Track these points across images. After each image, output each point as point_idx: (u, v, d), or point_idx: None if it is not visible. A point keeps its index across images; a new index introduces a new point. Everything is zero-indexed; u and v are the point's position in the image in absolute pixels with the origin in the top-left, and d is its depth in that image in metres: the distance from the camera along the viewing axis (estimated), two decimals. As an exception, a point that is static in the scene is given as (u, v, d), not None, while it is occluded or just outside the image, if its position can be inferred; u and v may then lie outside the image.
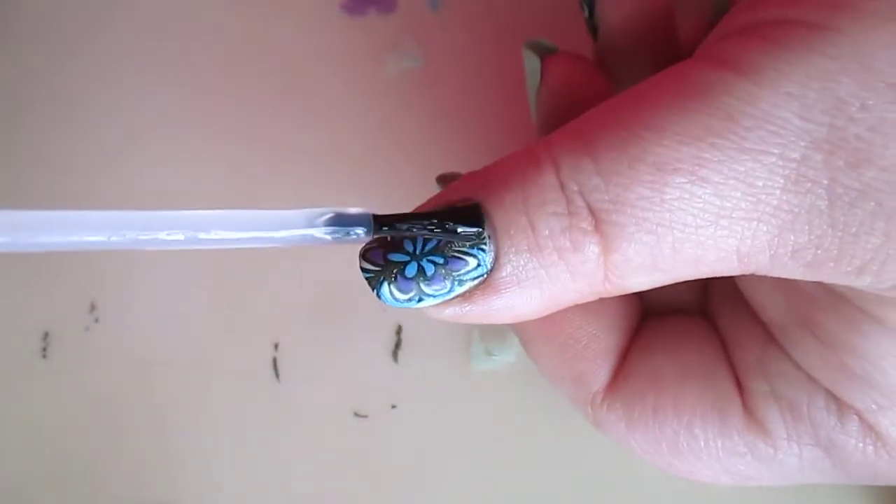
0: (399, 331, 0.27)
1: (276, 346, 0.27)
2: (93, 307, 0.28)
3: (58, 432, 0.28)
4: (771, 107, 0.14)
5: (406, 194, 0.28)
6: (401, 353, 0.27)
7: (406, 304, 0.16)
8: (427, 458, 0.26)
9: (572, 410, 0.26)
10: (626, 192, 0.15)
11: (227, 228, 0.15)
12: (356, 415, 0.27)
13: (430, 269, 0.16)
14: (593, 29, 0.21)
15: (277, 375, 0.27)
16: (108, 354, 0.28)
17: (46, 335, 0.28)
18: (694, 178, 0.14)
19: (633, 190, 0.15)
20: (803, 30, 0.15)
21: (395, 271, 0.16)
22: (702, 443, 0.19)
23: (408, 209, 0.17)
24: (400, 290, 0.16)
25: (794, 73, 0.14)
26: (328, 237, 0.16)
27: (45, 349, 0.28)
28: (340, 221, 0.16)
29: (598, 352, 0.20)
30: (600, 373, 0.20)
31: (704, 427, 0.19)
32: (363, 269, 0.16)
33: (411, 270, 0.16)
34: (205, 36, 0.29)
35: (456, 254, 0.16)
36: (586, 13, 0.21)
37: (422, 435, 0.27)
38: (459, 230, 0.16)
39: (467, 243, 0.16)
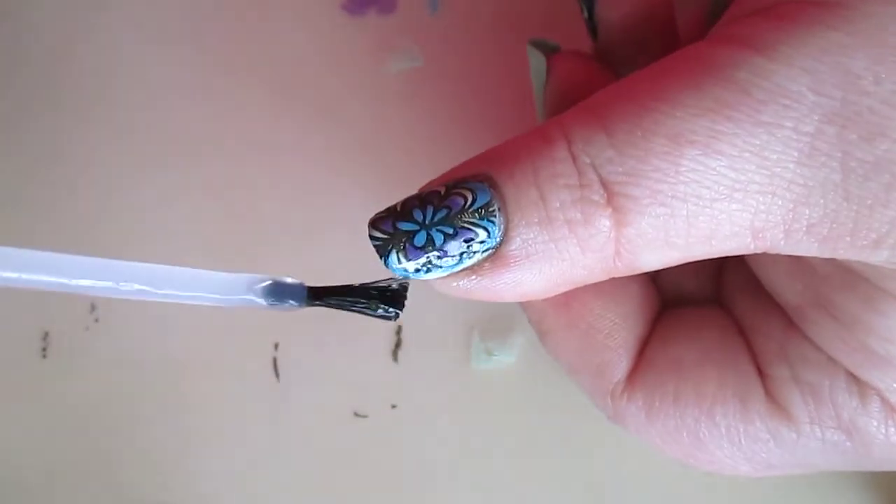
0: (399, 331, 0.27)
1: (276, 346, 0.27)
2: (93, 307, 0.28)
3: (58, 432, 0.28)
4: (784, 80, 0.14)
5: (406, 194, 0.28)
6: (401, 353, 0.27)
7: (414, 275, 0.16)
8: (427, 458, 0.26)
9: (572, 410, 0.26)
10: (640, 164, 0.15)
11: (175, 288, 0.16)
12: (356, 415, 0.27)
13: (439, 239, 0.16)
14: (593, 29, 0.21)
15: (277, 375, 0.27)
16: (108, 354, 0.28)
17: (46, 335, 0.28)
18: (709, 150, 0.15)
19: (647, 161, 0.15)
20: (815, 7, 0.15)
21: (403, 240, 0.16)
22: (723, 430, 0.19)
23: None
24: (408, 259, 0.16)
25: (807, 48, 0.14)
26: (264, 303, 0.16)
27: (45, 349, 0.28)
28: (277, 290, 0.16)
29: (619, 341, 0.20)
30: (622, 362, 0.20)
31: (726, 413, 0.19)
32: (372, 237, 0.17)
33: (420, 239, 0.16)
34: (204, 36, 0.29)
35: (466, 224, 0.16)
36: (586, 14, 0.21)
37: (422, 435, 0.27)
38: (378, 310, 0.17)
39: (477, 214, 0.16)
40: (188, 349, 0.28)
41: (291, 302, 0.17)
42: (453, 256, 0.16)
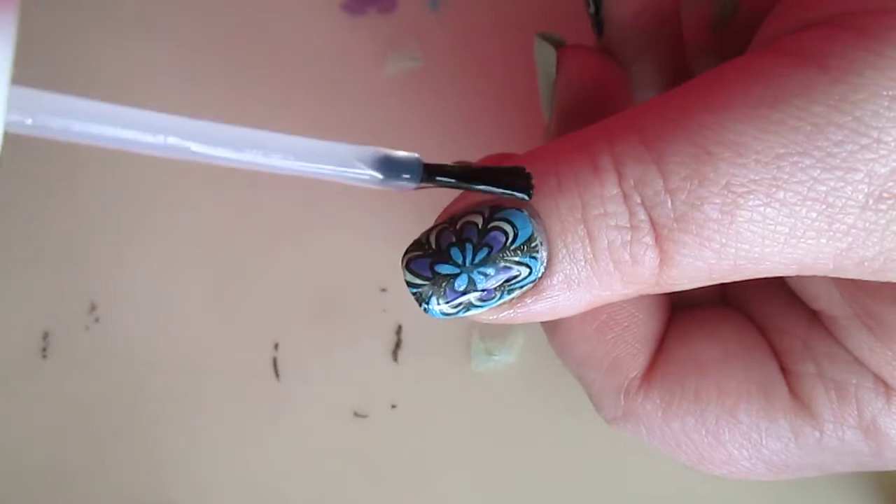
0: (399, 331, 0.27)
1: (276, 346, 0.27)
2: (93, 307, 0.28)
3: (58, 432, 0.28)
4: (867, 115, 0.13)
5: (406, 194, 0.28)
6: (401, 353, 0.27)
7: (451, 316, 0.16)
8: (427, 458, 0.26)
9: (573, 410, 0.26)
10: (693, 212, 0.14)
11: (277, 152, 0.15)
12: (356, 415, 0.27)
13: (480, 281, 0.15)
14: (599, 25, 0.21)
15: (277, 375, 0.27)
16: (108, 354, 0.28)
17: (46, 335, 0.28)
18: (769, 199, 0.13)
19: (701, 210, 0.14)
20: None
21: (444, 285, 0.15)
22: (745, 427, 0.18)
23: (408, 208, 0.17)
24: (449, 305, 0.15)
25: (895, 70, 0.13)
26: (378, 176, 0.15)
27: (45, 349, 0.28)
28: (390, 163, 0.15)
29: (637, 335, 0.19)
30: (639, 357, 0.19)
31: (749, 410, 0.18)
32: (409, 283, 0.15)
33: (461, 283, 0.15)
34: (204, 35, 0.29)
35: (509, 263, 0.15)
36: (592, 9, 0.21)
37: (422, 435, 0.27)
38: (506, 194, 0.14)
39: (520, 251, 0.15)
40: (188, 349, 0.28)
41: (406, 176, 0.15)
42: (494, 295, 0.15)
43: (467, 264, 0.15)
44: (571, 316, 0.19)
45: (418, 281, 0.15)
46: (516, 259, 0.15)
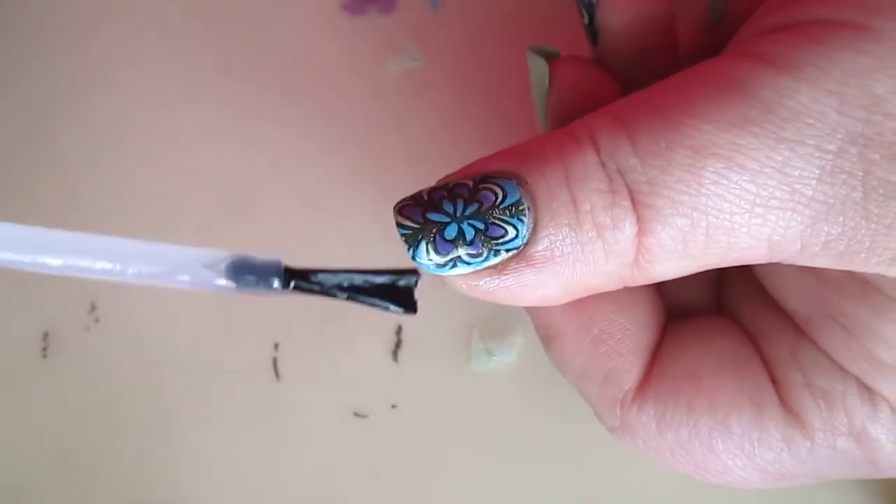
0: (399, 331, 0.27)
1: (276, 346, 0.27)
2: (93, 307, 0.28)
3: (58, 432, 0.28)
4: (809, 101, 0.14)
5: (406, 194, 0.28)
6: (401, 353, 0.27)
7: (440, 270, 0.16)
8: (427, 458, 0.26)
9: (573, 410, 0.26)
10: (663, 175, 0.15)
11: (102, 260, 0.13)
12: (356, 415, 0.27)
13: (469, 233, 0.16)
14: (593, 35, 0.21)
15: (277, 375, 0.27)
16: (108, 354, 0.28)
17: (46, 335, 0.28)
18: (731, 163, 0.15)
19: (670, 172, 0.15)
20: (842, 29, 0.15)
21: (434, 231, 0.16)
22: (738, 438, 0.18)
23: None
24: (437, 252, 0.16)
25: (834, 69, 0.15)
26: (231, 285, 0.13)
27: (45, 349, 0.28)
28: (244, 269, 0.14)
29: (631, 347, 0.20)
30: (633, 370, 0.20)
31: (741, 421, 0.18)
32: (399, 225, 0.16)
33: (451, 232, 0.16)
34: (204, 35, 0.29)
35: (497, 221, 0.16)
36: (586, 20, 0.21)
37: (422, 435, 0.27)
38: (382, 306, 0.15)
39: (508, 211, 0.16)
40: (188, 349, 0.28)
41: (267, 283, 0.14)
42: (481, 252, 0.16)
43: (458, 215, 0.16)
44: (566, 329, 0.20)
45: (409, 223, 0.16)
46: (504, 218, 0.16)
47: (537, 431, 0.26)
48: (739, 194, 0.15)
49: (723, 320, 0.21)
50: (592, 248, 0.16)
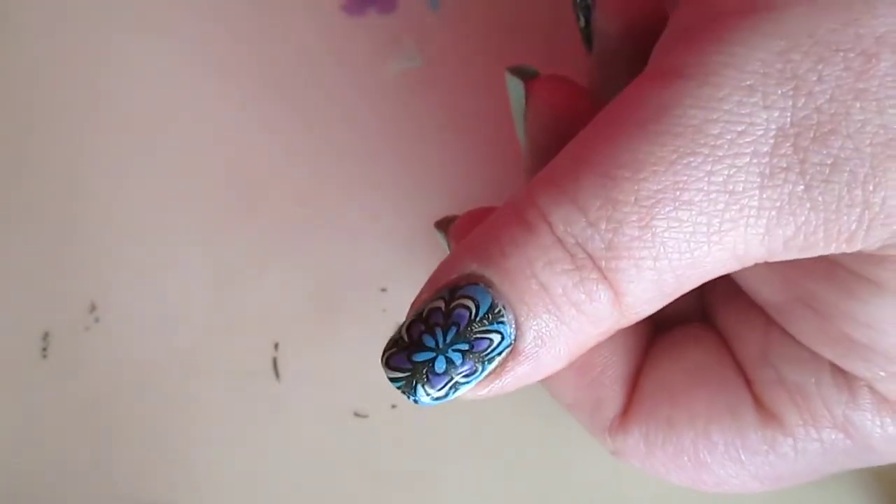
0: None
1: (276, 346, 0.27)
2: (93, 307, 0.28)
3: (58, 432, 0.28)
4: (734, 105, 0.14)
5: (406, 194, 0.28)
6: (401, 353, 0.27)
7: (443, 400, 0.16)
8: (427, 458, 0.26)
9: (572, 410, 0.26)
10: (617, 237, 0.15)
11: None
12: (356, 415, 0.27)
13: (458, 358, 0.16)
14: (588, 38, 0.21)
15: (277, 375, 0.27)
16: (108, 354, 0.28)
17: (46, 335, 0.28)
18: (677, 203, 0.14)
19: (623, 233, 0.15)
20: (740, 18, 0.15)
21: (424, 371, 0.16)
22: (721, 448, 0.18)
23: (408, 207, 0.16)
24: (435, 389, 0.16)
25: (748, 62, 0.14)
26: None
27: (45, 349, 0.28)
28: None
29: (613, 377, 0.20)
30: (616, 399, 0.20)
31: (722, 429, 0.18)
32: (391, 379, 0.16)
33: (440, 365, 0.16)
34: (204, 35, 0.29)
35: (478, 335, 0.16)
36: (582, 23, 0.21)
37: (422, 435, 0.27)
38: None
39: (486, 321, 0.15)
40: (188, 349, 0.28)
41: None
42: (475, 368, 0.16)
43: (441, 346, 0.16)
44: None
45: (400, 374, 0.16)
46: (485, 328, 0.15)
47: (537, 431, 0.26)
48: (693, 230, 0.15)
49: (700, 328, 0.21)
50: (578, 323, 0.16)
